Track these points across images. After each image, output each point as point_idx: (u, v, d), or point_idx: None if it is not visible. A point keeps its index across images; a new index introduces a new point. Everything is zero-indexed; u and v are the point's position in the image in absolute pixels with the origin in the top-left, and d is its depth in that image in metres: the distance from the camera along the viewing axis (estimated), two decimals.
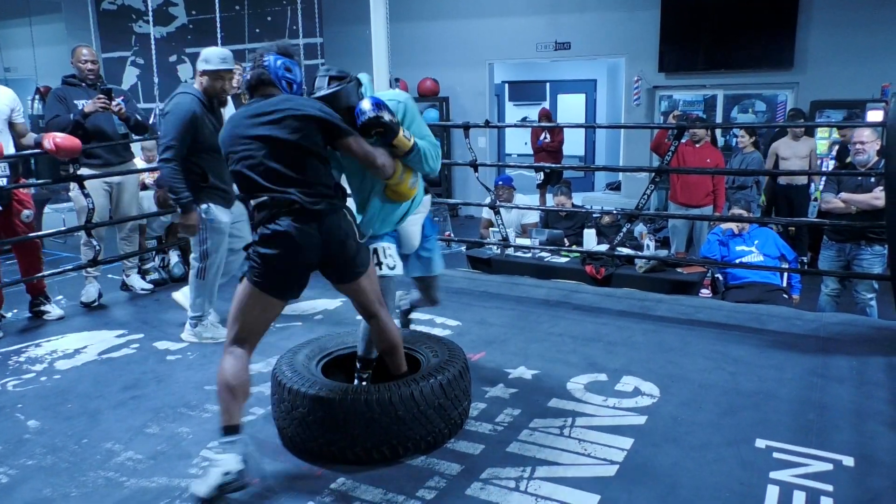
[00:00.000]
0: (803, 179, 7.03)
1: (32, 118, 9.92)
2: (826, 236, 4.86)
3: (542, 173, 9.64)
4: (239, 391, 2.34)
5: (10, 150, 4.22)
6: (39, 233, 4.60)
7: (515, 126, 9.99)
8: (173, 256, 5.30)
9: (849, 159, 4.57)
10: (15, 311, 4.49)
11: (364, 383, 2.84)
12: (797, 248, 6.31)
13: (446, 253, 7.36)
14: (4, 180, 4.13)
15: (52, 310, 4.42)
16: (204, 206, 3.75)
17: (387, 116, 2.49)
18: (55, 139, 4.07)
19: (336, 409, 2.47)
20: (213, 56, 3.71)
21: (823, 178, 5.71)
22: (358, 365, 2.89)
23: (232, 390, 2.33)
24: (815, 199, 7.15)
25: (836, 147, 7.36)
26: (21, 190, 4.32)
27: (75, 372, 3.54)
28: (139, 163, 6.01)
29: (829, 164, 7.40)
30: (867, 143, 4.41)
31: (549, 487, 2.38)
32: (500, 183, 6.29)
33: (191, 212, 3.68)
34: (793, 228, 6.89)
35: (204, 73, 3.70)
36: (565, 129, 9.71)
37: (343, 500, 2.34)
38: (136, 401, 3.16)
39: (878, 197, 4.36)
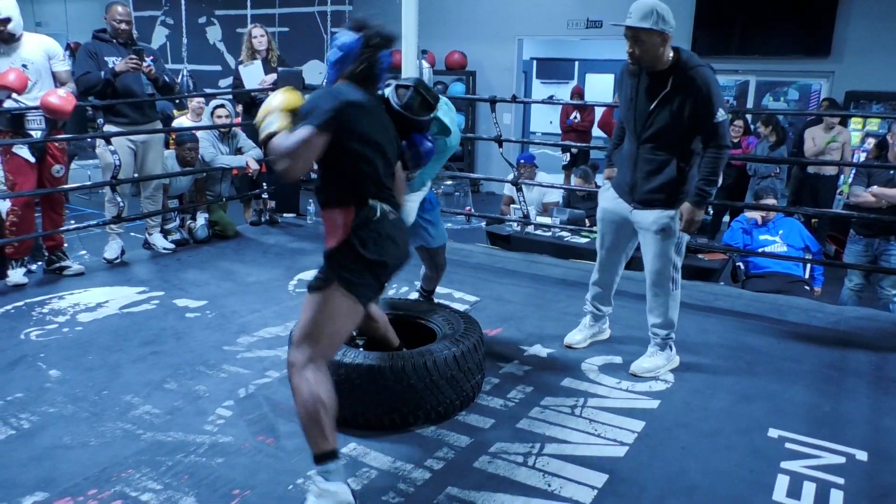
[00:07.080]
0: (832, 170, 6.86)
1: None
2: (853, 230, 4.75)
3: (568, 154, 9.50)
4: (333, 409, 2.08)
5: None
6: (65, 186, 4.62)
7: (543, 102, 9.85)
8: (200, 218, 5.32)
9: None
10: (39, 263, 4.56)
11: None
12: (818, 240, 6.19)
13: (466, 228, 7.41)
14: (40, 133, 4.17)
15: (72, 265, 4.46)
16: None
17: None
18: (47, 98, 3.95)
19: (350, 374, 2.50)
20: None
21: (853, 170, 5.58)
22: None
23: (329, 410, 2.06)
24: (841, 193, 6.99)
25: (871, 140, 7.19)
26: (55, 144, 4.33)
27: (97, 325, 3.60)
28: (185, 121, 6.07)
29: (861, 157, 7.23)
30: None
31: (556, 464, 2.40)
32: (523, 161, 6.23)
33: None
34: (815, 220, 6.75)
35: None
36: (595, 110, 9.51)
37: (353, 465, 2.37)
38: (155, 356, 3.21)
39: None
